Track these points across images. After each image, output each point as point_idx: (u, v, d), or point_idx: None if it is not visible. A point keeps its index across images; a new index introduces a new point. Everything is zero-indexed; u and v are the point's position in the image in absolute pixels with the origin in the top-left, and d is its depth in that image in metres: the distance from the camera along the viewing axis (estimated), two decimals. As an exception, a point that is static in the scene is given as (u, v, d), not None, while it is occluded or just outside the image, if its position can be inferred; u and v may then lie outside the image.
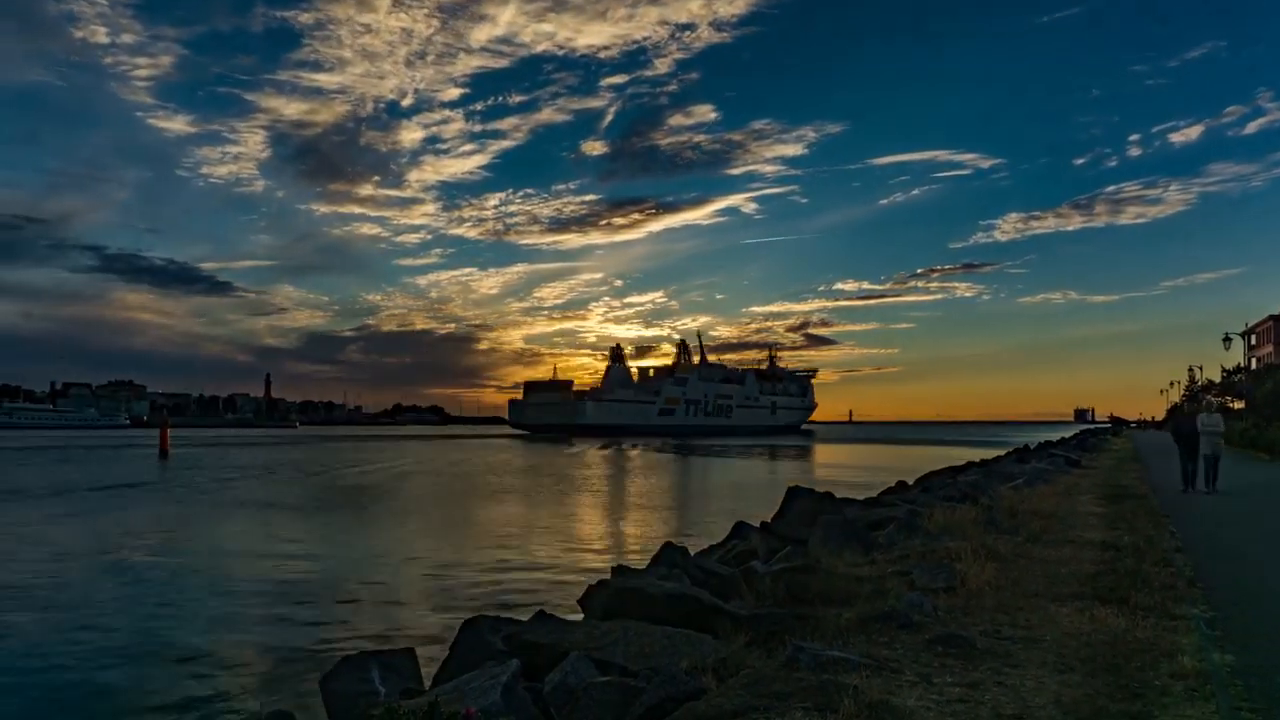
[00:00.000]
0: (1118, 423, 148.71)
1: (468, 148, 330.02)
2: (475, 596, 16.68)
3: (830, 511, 14.29)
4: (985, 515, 13.45)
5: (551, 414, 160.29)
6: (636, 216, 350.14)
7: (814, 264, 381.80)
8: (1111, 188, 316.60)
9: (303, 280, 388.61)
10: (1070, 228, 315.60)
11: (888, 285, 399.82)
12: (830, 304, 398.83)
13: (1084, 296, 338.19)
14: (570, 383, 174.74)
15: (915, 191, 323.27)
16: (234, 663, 12.35)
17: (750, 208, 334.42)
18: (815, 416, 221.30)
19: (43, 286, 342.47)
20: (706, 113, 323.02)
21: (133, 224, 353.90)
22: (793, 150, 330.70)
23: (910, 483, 26.97)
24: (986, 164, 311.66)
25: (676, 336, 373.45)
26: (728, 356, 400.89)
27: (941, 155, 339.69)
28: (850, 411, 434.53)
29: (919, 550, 10.70)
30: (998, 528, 12.64)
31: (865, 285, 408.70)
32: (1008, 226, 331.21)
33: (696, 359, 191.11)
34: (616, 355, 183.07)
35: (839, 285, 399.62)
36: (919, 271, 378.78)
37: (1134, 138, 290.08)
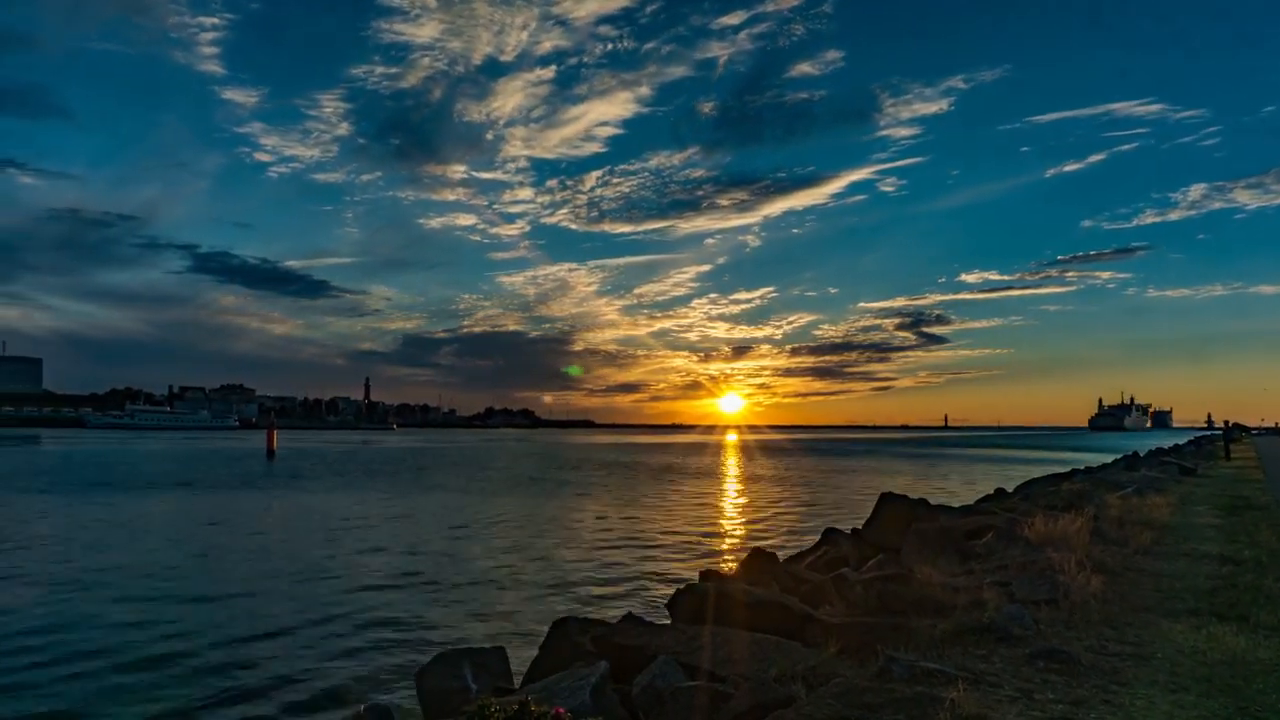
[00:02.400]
0: (1235, 429, 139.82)
1: (567, 114, 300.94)
2: (563, 595, 16.92)
3: (923, 519, 13.92)
4: (1091, 525, 12.89)
5: None
6: (745, 197, 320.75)
7: (939, 251, 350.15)
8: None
9: (394, 278, 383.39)
10: (1251, 205, 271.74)
11: (1017, 276, 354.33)
12: (950, 297, 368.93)
13: (1248, 288, 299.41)
14: None
15: (1084, 161, 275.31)
16: (335, 652, 12.83)
17: (874, 185, 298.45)
18: (905, 420, 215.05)
19: (137, 289, 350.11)
20: (835, 59, 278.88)
21: (216, 217, 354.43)
22: (934, 107, 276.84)
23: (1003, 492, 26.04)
24: (1179, 117, 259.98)
25: (779, 336, 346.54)
26: (828, 358, 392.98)
27: (1120, 109, 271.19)
28: (946, 416, 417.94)
29: (1019, 561, 10.31)
30: (1104, 538, 12.09)
31: (992, 276, 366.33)
32: (1187, 200, 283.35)
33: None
34: None
35: (963, 276, 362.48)
36: (1059, 259, 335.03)
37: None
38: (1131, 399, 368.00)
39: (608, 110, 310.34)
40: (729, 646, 6.69)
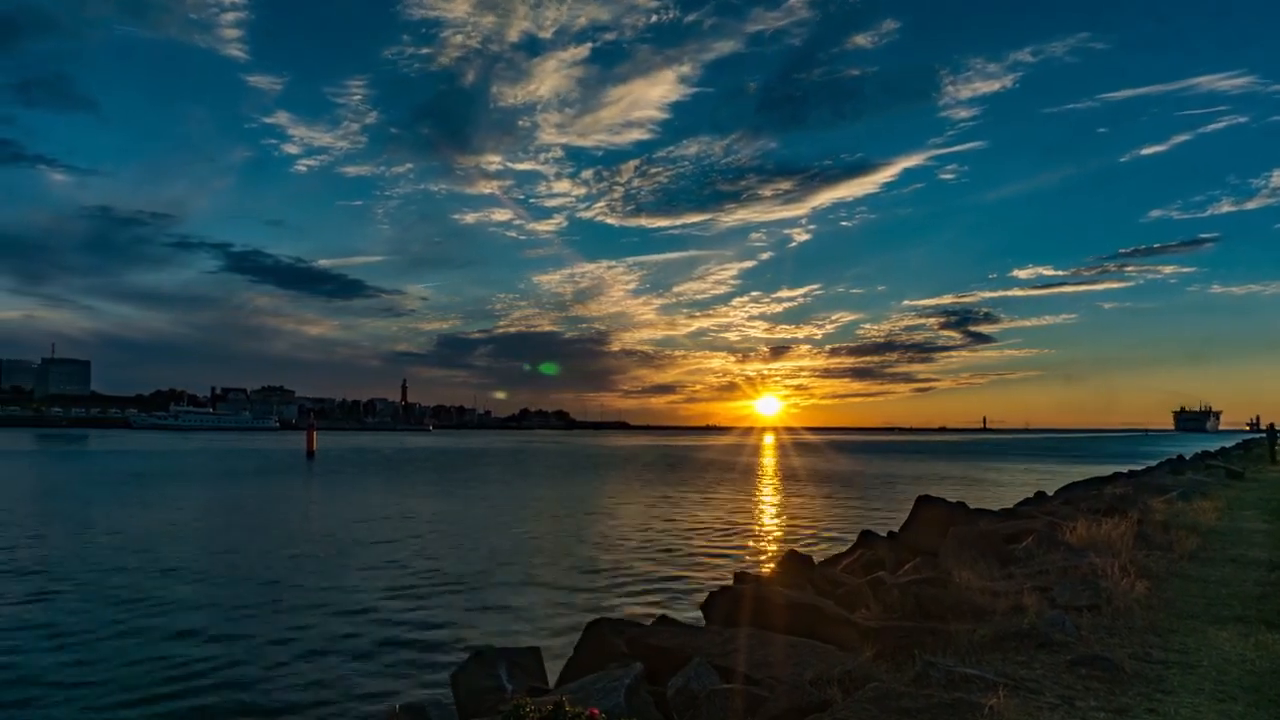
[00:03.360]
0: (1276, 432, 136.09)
1: (606, 96, 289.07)
2: (597, 595, 16.96)
3: (962, 522, 13.74)
4: (1135, 530, 12.64)
5: None
6: (790, 187, 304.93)
7: (992, 245, 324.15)
8: None
9: (429, 276, 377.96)
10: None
11: (1071, 271, 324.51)
12: (1000, 294, 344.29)
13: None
14: None
15: (1166, 142, 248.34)
16: (370, 649, 12.99)
17: (930, 172, 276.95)
18: (944, 423, 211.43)
19: (172, 290, 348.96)
20: (890, 30, 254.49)
21: (245, 213, 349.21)
22: (996, 84, 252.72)
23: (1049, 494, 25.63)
24: (1272, 90, 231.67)
25: (819, 336, 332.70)
26: (868, 359, 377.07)
27: (1205, 83, 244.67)
28: (985, 418, 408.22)
29: (1060, 565, 10.14)
30: (1149, 543, 11.85)
31: (1046, 271, 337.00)
32: (1269, 187, 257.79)
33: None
34: None
35: (1015, 272, 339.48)
36: (1120, 252, 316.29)
37: None
38: (1208, 406, 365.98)
39: (648, 92, 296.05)
40: (764, 649, 6.65)
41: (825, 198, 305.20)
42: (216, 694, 11.05)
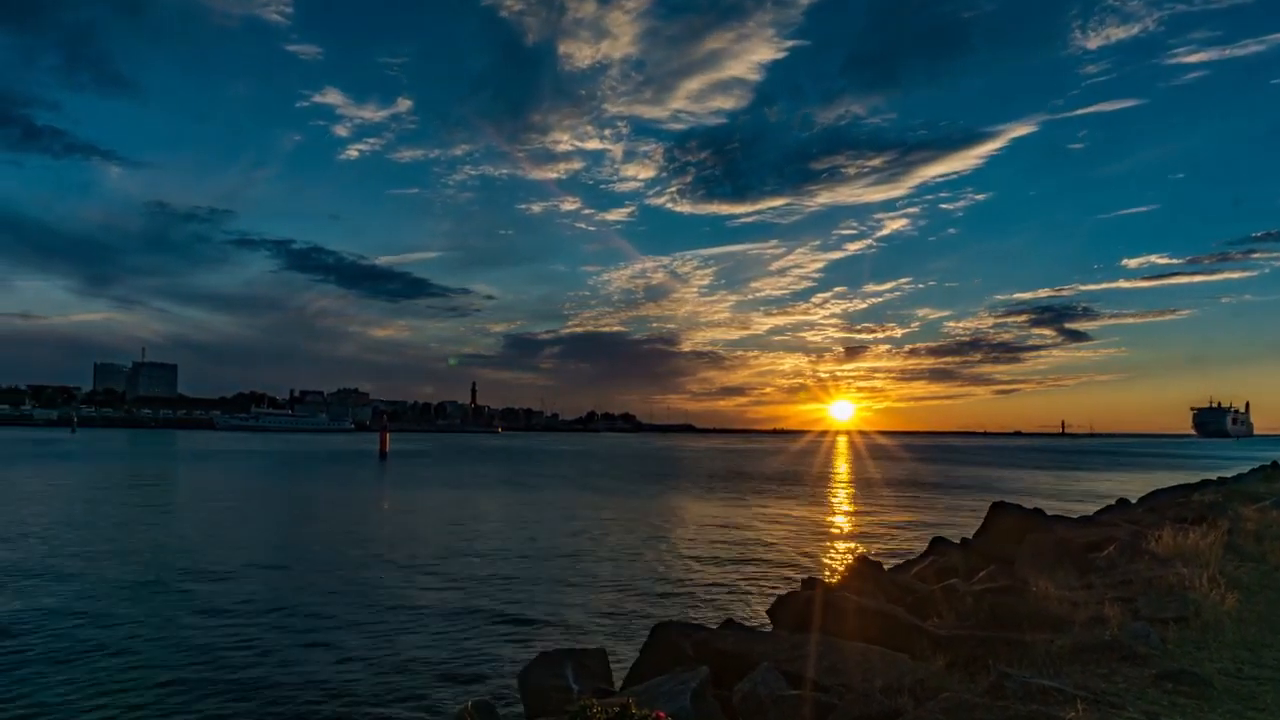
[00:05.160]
0: None
1: (681, 58, 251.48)
2: (663, 598, 16.96)
3: (1038, 529, 13.35)
4: (1225, 539, 12.09)
5: None
6: (879, 163, 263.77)
7: (1102, 229, 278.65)
8: None
9: (492, 273, 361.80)
10: None
11: (1186, 260, 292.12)
12: (1103, 287, 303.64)
13: None
14: None
15: None
16: (441, 647, 13.22)
17: (1046, 140, 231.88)
18: (1021, 427, 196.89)
19: (235, 291, 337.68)
20: None
21: (300, 207, 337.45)
22: (1136, 28, 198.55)
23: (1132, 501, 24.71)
24: None
25: (899, 335, 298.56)
26: (949, 360, 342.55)
27: None
28: (1063, 423, 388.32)
29: (1144, 576, 9.76)
30: (1240, 554, 11.32)
31: (1160, 259, 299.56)
32: None
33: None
34: None
35: (1125, 261, 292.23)
36: (1255, 236, 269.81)
37: None
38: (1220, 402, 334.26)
39: (727, 56, 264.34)
40: (833, 656, 6.56)
41: (917, 178, 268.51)
42: (288, 687, 11.38)
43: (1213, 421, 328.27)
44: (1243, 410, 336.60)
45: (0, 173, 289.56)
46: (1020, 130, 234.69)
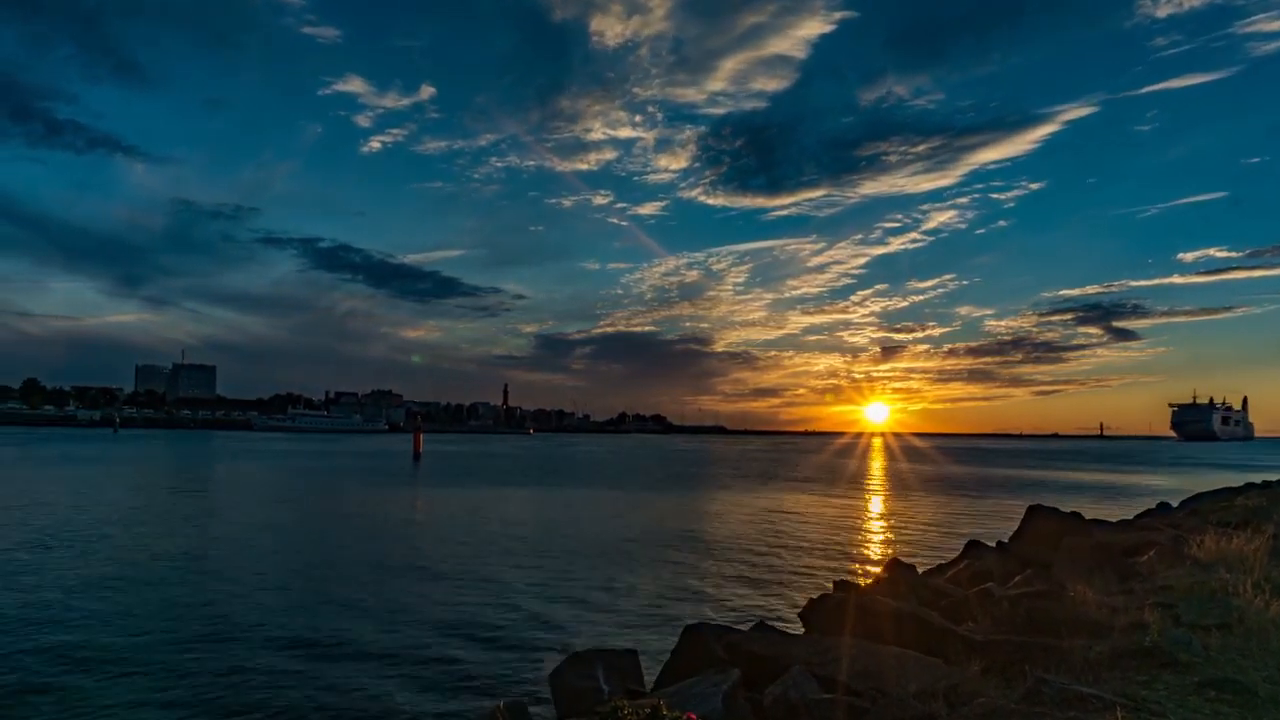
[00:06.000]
0: None
1: (720, 36, 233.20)
2: (694, 599, 16.93)
3: (1076, 533, 13.15)
4: (1270, 544, 11.80)
5: None
6: (925, 150, 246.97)
7: (1158, 220, 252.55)
8: None
9: (522, 271, 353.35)
10: None
11: (1246, 253, 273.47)
12: (1156, 282, 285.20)
13: None
14: None
15: None
16: (473, 646, 13.30)
17: (1108, 121, 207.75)
18: (1058, 429, 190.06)
19: (264, 291, 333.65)
20: None
21: (325, 203, 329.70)
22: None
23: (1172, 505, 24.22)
24: None
25: (937, 335, 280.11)
26: (988, 360, 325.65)
27: None
28: (1101, 425, 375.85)
29: (1185, 581, 9.57)
30: (1286, 560, 11.05)
31: (1219, 253, 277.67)
32: None
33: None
34: None
35: (1180, 255, 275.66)
36: None
37: None
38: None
39: (770, 31, 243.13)
40: (866, 659, 6.51)
41: (965, 165, 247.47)
42: (318, 683, 11.51)
43: (1194, 421, 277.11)
44: (1237, 408, 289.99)
45: (25, 171, 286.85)
46: (1079, 111, 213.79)
